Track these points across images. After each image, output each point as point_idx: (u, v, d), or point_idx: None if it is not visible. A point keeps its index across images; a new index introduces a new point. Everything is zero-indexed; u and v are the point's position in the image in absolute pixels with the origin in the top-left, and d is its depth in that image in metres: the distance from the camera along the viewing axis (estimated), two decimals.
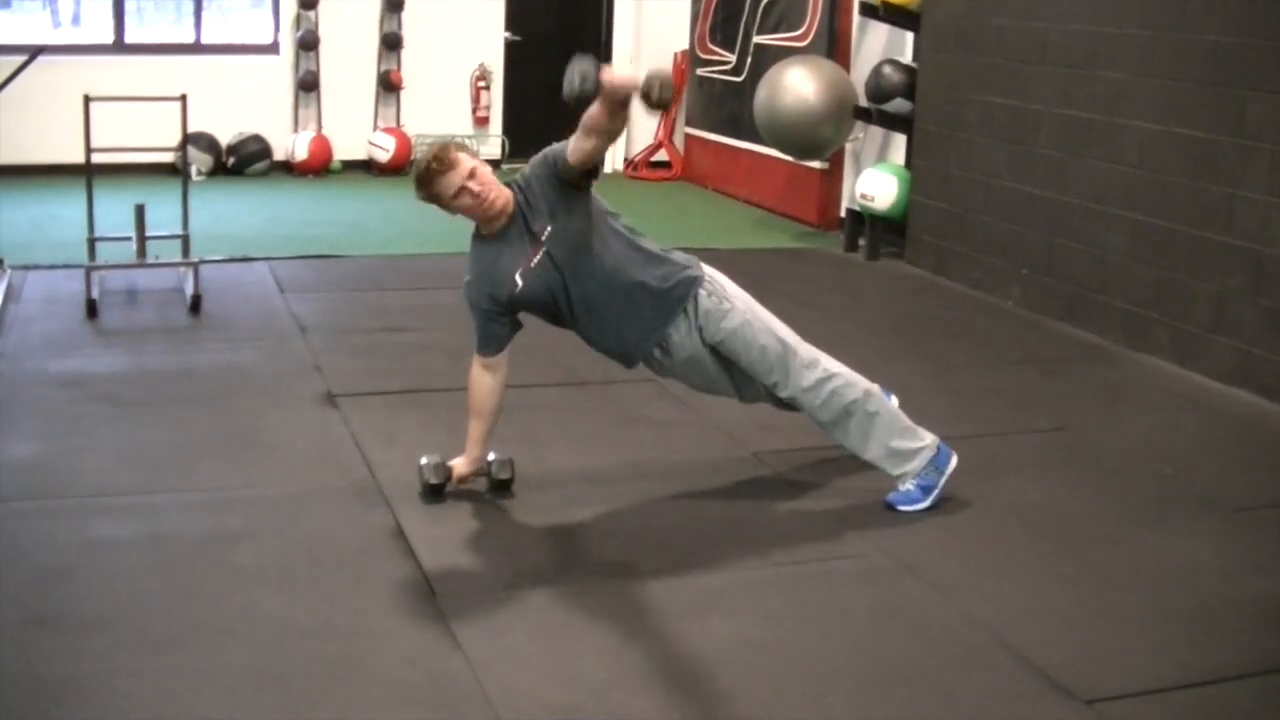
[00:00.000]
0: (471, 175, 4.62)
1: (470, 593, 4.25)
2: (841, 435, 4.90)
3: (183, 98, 7.62)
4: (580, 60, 4.31)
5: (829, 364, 4.88)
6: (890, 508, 4.92)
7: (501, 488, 4.94)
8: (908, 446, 4.90)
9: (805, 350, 4.86)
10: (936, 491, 4.91)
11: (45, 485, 5.00)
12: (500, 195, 4.67)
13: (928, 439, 4.94)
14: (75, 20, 12.84)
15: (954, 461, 4.96)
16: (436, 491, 4.90)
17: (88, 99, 7.37)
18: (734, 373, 4.90)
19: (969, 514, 4.93)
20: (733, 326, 4.78)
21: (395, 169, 12.37)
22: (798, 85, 9.67)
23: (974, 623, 4.16)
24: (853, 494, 5.04)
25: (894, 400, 5.31)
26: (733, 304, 4.81)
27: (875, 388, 4.94)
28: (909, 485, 4.92)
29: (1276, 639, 4.20)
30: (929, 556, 4.60)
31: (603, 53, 13.39)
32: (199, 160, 11.64)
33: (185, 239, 7.81)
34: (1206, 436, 6.06)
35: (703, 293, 4.78)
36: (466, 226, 4.86)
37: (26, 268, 8.24)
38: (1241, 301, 6.65)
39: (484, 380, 4.88)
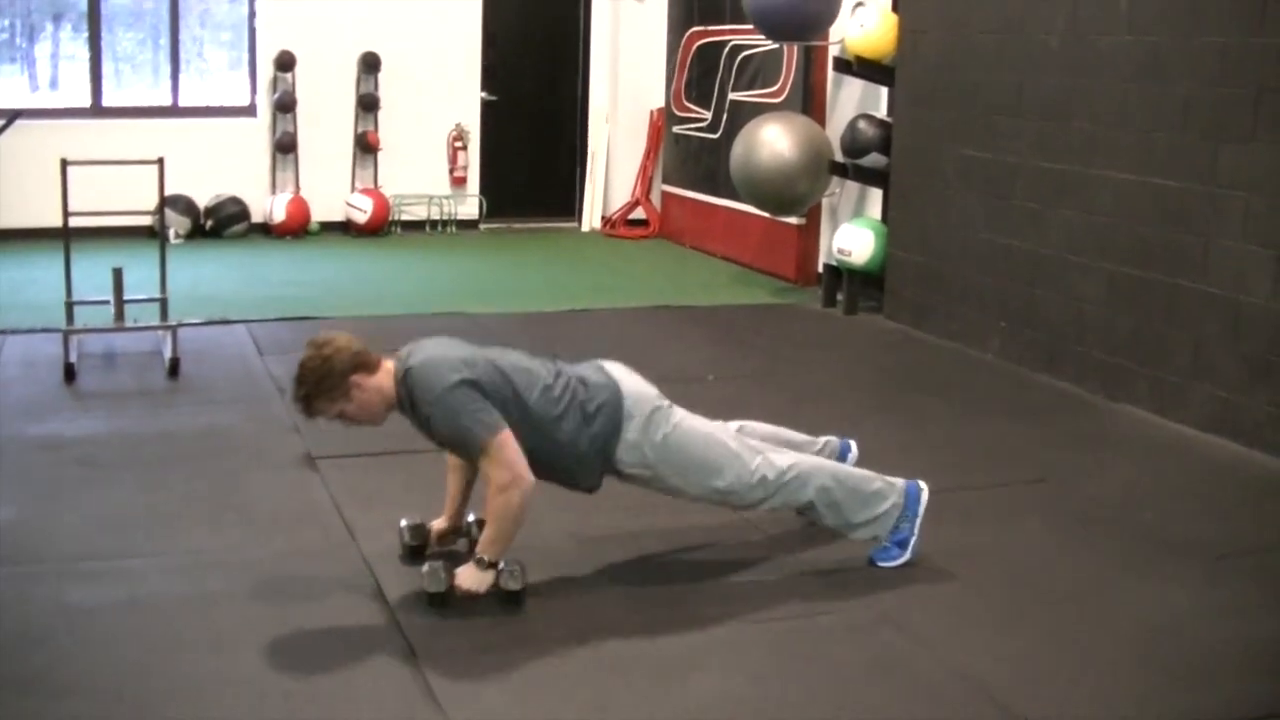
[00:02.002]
0: (339, 414, 4.56)
1: (450, 653, 4.22)
2: (809, 513, 4.91)
3: (160, 161, 7.62)
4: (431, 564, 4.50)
5: (771, 469, 4.75)
6: (872, 564, 4.91)
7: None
8: (873, 514, 4.86)
9: (743, 467, 4.72)
10: (914, 539, 4.89)
11: (22, 549, 4.96)
12: (372, 417, 4.61)
13: (891, 497, 4.88)
14: (53, 84, 12.87)
15: (925, 496, 4.92)
16: (416, 553, 4.87)
17: (65, 163, 7.36)
18: None
19: (951, 566, 4.92)
20: (668, 488, 4.76)
21: (373, 230, 12.40)
22: (773, 141, 9.72)
23: (958, 675, 4.14)
24: (835, 549, 5.03)
25: (853, 451, 5.31)
26: (652, 471, 4.70)
27: (825, 470, 4.85)
28: (885, 543, 4.91)
29: (1261, 685, 4.20)
30: (912, 610, 4.59)
31: (579, 110, 13.47)
32: (177, 223, 11.65)
33: (163, 302, 7.80)
34: (1186, 484, 6.07)
35: (624, 445, 4.65)
36: (450, 289, 4.84)
37: (4, 331, 8.22)
38: (1219, 350, 6.68)
39: None
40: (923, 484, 4.94)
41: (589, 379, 4.69)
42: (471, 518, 4.95)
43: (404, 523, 4.93)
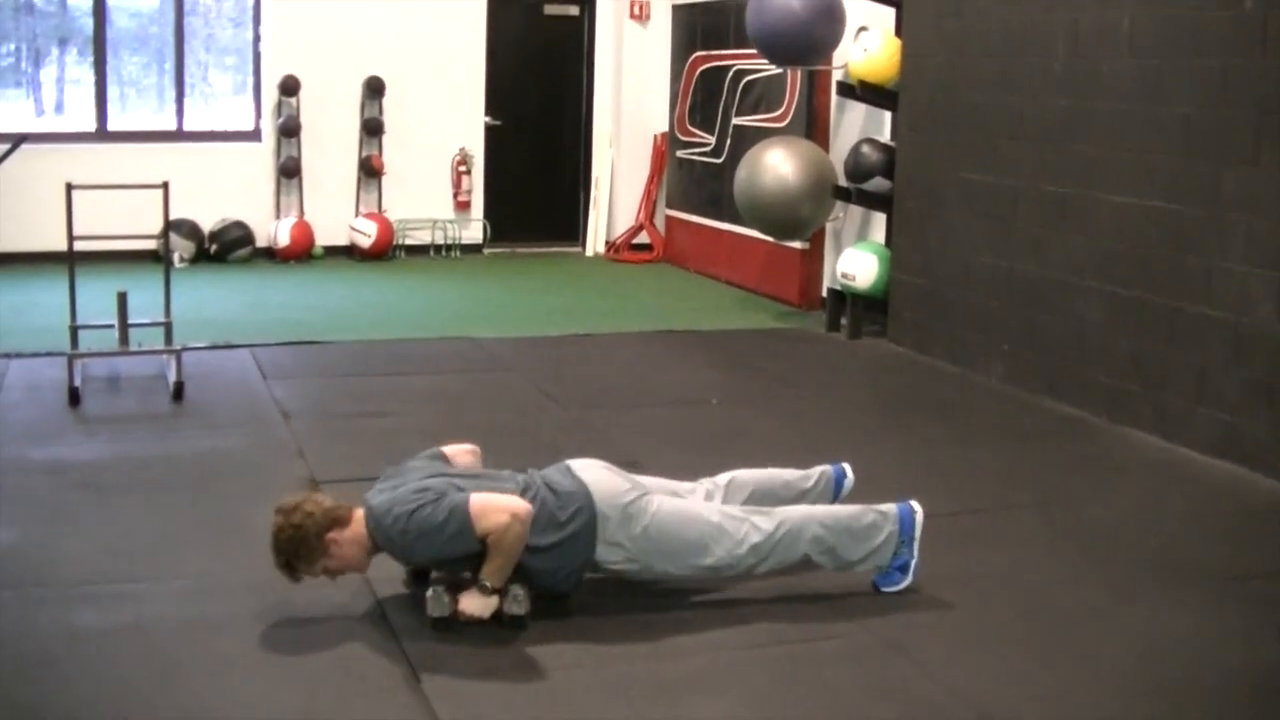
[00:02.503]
0: (323, 571, 4.55)
1: (453, 677, 4.21)
2: (806, 564, 4.88)
3: (165, 185, 7.64)
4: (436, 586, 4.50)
5: (759, 534, 4.72)
6: (876, 589, 4.90)
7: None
8: (871, 548, 4.84)
9: (730, 540, 4.70)
10: (914, 561, 4.87)
11: (26, 573, 4.97)
12: (355, 566, 4.61)
13: (886, 527, 4.85)
14: (58, 108, 12.91)
15: (919, 517, 4.89)
16: (419, 577, 4.82)
17: (70, 187, 7.38)
18: None
19: (954, 590, 4.92)
20: (657, 574, 4.74)
21: (377, 254, 12.42)
22: (777, 165, 9.74)
23: (962, 700, 4.14)
24: (837, 574, 5.02)
25: (848, 476, 5.27)
26: (638, 564, 4.68)
27: (814, 519, 4.81)
28: (887, 569, 4.90)
29: (1265, 710, 4.19)
30: (915, 634, 4.59)
31: (583, 135, 13.50)
32: (181, 247, 11.67)
33: (168, 326, 7.81)
34: (1190, 508, 6.06)
35: (603, 546, 4.63)
36: (454, 313, 4.83)
37: (9, 355, 8.22)
38: (1222, 373, 6.68)
39: None
40: (915, 505, 4.92)
41: (559, 486, 4.67)
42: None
43: (431, 591, 4.86)
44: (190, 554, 5.20)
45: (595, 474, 4.75)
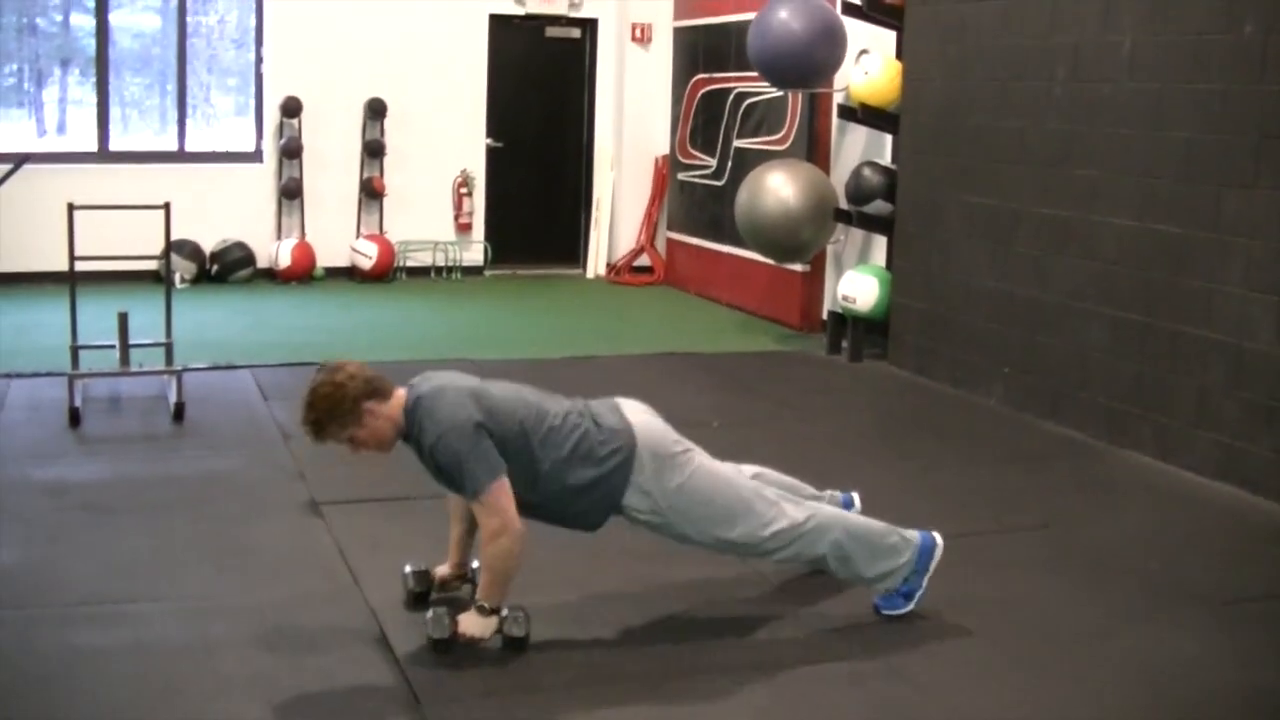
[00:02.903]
0: (349, 439, 4.54)
1: (454, 699, 4.21)
2: (821, 565, 4.87)
3: (166, 205, 7.65)
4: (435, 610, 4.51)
5: (786, 521, 4.69)
6: (876, 611, 4.90)
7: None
8: (886, 569, 4.82)
9: (757, 520, 4.67)
10: (921, 591, 4.87)
11: (27, 593, 4.96)
12: (381, 444, 4.60)
13: (906, 554, 4.84)
14: (60, 128, 12.93)
15: (939, 551, 4.88)
16: (420, 599, 4.87)
17: (72, 207, 7.40)
18: None
19: (956, 614, 4.91)
20: (677, 535, 4.71)
21: (378, 276, 12.43)
22: (778, 188, 9.75)
23: None
24: (839, 596, 5.02)
25: (855, 505, 5.28)
26: (662, 518, 4.64)
27: (840, 523, 4.77)
28: (892, 592, 4.89)
29: None
30: (917, 658, 4.58)
31: (584, 157, 13.53)
32: (182, 268, 11.68)
33: (168, 346, 7.81)
34: (1191, 530, 6.06)
35: (634, 491, 4.60)
36: (455, 335, 4.82)
37: (10, 375, 8.23)
38: (1223, 395, 6.68)
39: None
40: (938, 537, 4.90)
41: (603, 421, 4.63)
42: (475, 564, 4.94)
43: (408, 568, 4.92)
44: (190, 575, 5.20)
45: (642, 418, 4.71)
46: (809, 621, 4.87)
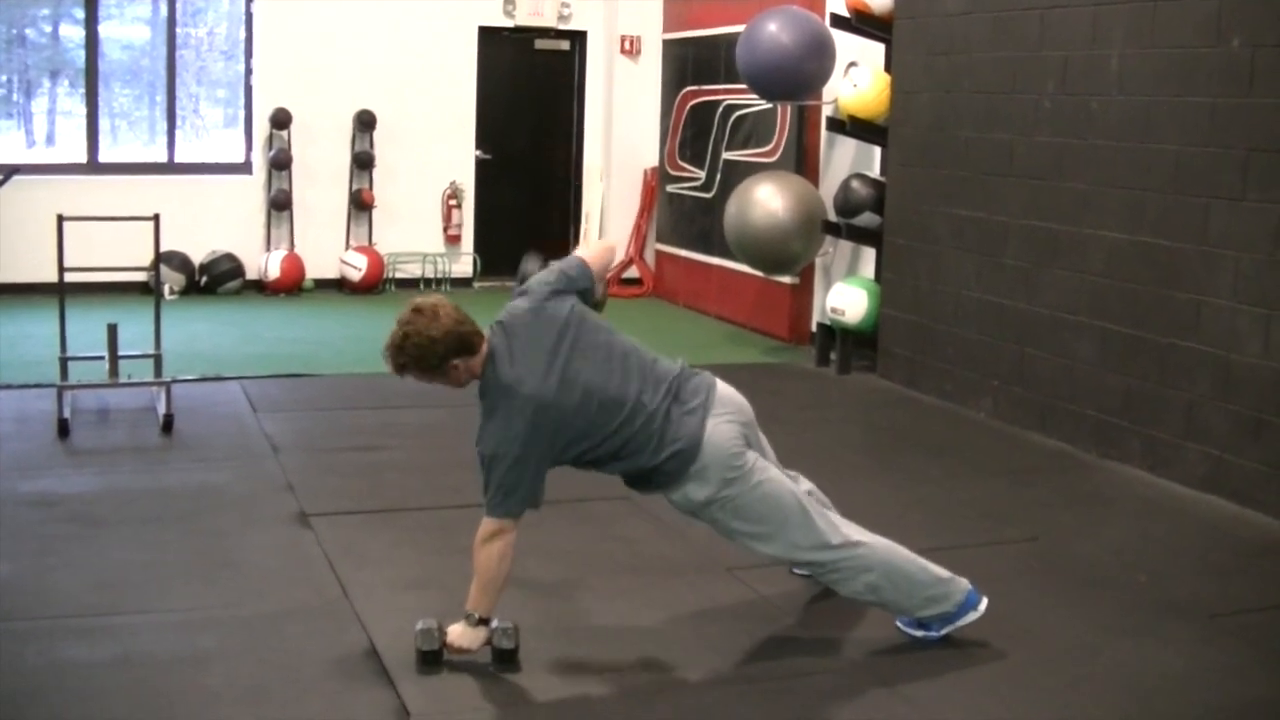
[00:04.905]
0: (427, 380, 4.58)
1: (443, 714, 4.21)
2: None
3: (155, 217, 7.65)
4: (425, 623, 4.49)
5: (829, 554, 4.57)
6: (902, 629, 4.84)
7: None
8: (915, 604, 4.71)
9: (793, 544, 4.56)
10: (939, 635, 4.77)
11: (14, 606, 4.95)
12: (456, 386, 4.60)
13: (944, 606, 4.71)
14: (49, 140, 12.91)
15: (978, 614, 4.75)
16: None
17: (61, 218, 7.39)
18: None
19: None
20: (714, 528, 4.65)
21: (367, 288, 12.42)
22: (767, 201, 9.76)
23: None
24: (829, 610, 5.02)
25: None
26: (702, 518, 4.58)
27: (883, 565, 4.62)
28: (914, 619, 4.80)
29: None
30: (906, 671, 4.58)
31: (573, 169, 13.53)
32: (171, 279, 11.66)
33: (158, 358, 7.80)
34: (1180, 543, 6.08)
35: (679, 493, 4.53)
36: None
37: None
38: (1211, 408, 6.69)
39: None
40: (984, 603, 4.76)
41: (674, 417, 4.51)
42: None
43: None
44: (179, 587, 5.19)
45: (716, 427, 4.55)
46: (798, 634, 4.88)
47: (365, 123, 12.53)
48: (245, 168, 12.52)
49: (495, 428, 4.38)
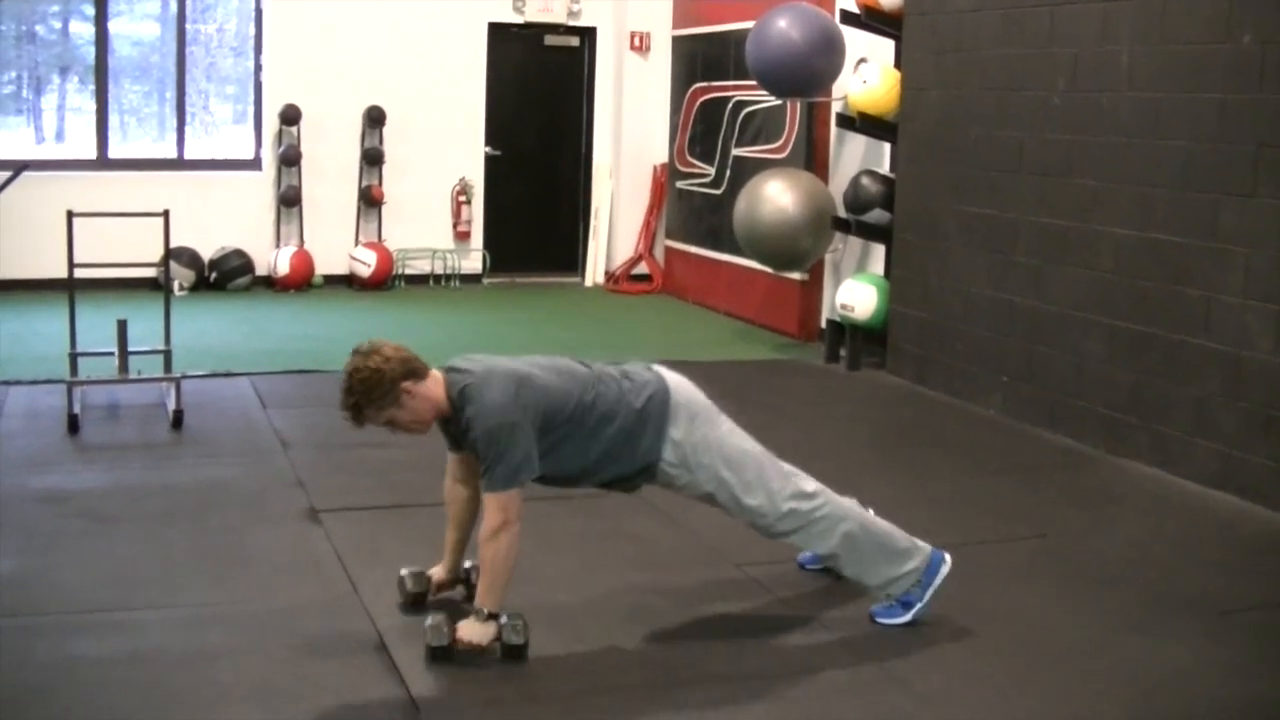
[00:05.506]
0: (388, 421, 4.56)
1: (454, 708, 4.22)
2: (831, 561, 4.91)
3: (165, 213, 7.66)
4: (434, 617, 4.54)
5: (804, 502, 4.77)
6: (872, 620, 4.90)
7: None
8: (894, 575, 4.85)
9: (777, 493, 4.74)
10: (920, 606, 4.86)
11: (25, 602, 4.96)
12: (421, 424, 4.60)
13: (915, 561, 4.87)
14: (59, 136, 12.94)
15: (946, 569, 4.89)
16: (417, 601, 4.88)
17: (71, 214, 7.40)
18: None
19: (954, 623, 4.91)
20: (701, 493, 4.78)
21: (376, 284, 12.43)
22: (776, 197, 9.76)
23: None
24: (837, 605, 5.02)
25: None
26: (690, 475, 4.71)
27: (854, 516, 4.85)
28: (892, 602, 4.90)
29: None
30: (915, 666, 4.58)
31: (582, 165, 13.53)
32: (181, 275, 11.68)
33: (167, 354, 7.81)
34: (1189, 540, 6.07)
35: (669, 442, 4.67)
36: (453, 343, 4.81)
37: (8, 383, 8.23)
38: (1220, 405, 6.69)
39: (459, 491, 4.88)
40: (948, 557, 4.93)
41: (635, 375, 4.74)
42: (468, 564, 4.97)
43: (404, 571, 4.95)
44: (189, 583, 5.20)
45: (675, 375, 4.84)
46: (808, 629, 4.87)
47: (375, 119, 12.54)
48: (255, 164, 12.53)
49: (488, 404, 4.43)
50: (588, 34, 13.40)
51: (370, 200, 12.60)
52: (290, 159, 12.26)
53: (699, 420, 4.72)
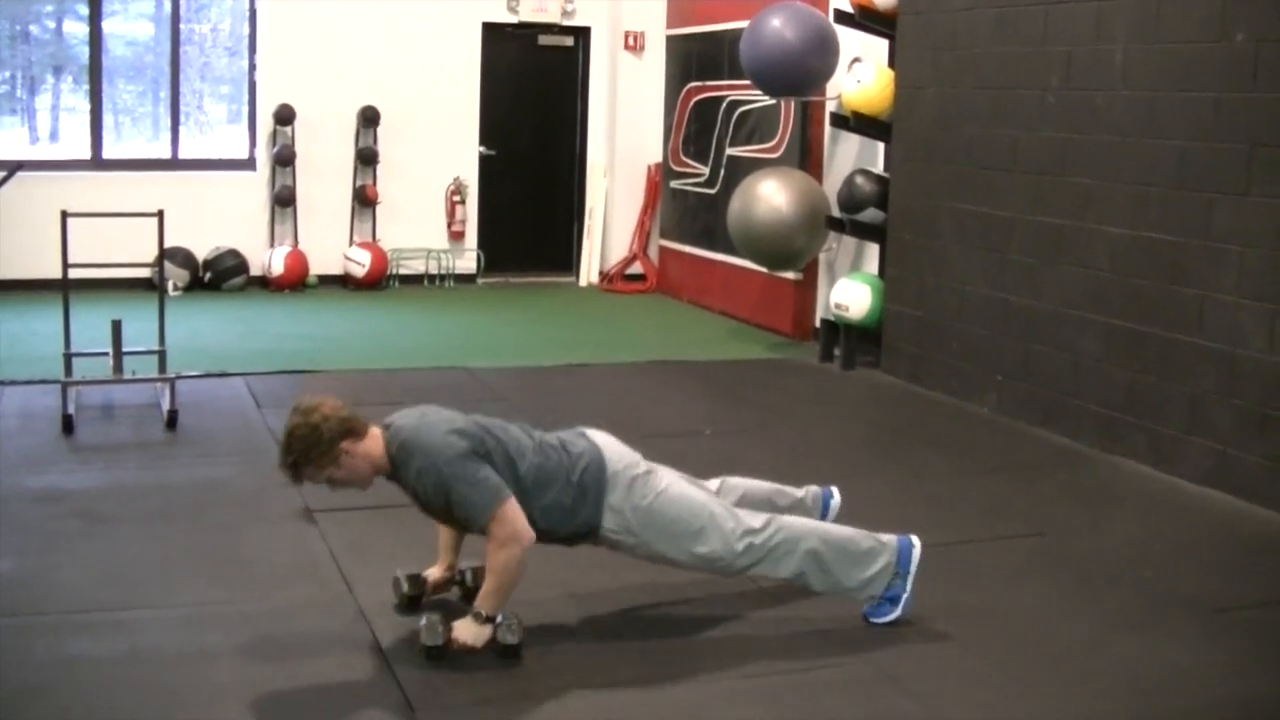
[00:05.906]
0: (327, 479, 4.54)
1: (448, 707, 4.21)
2: (800, 582, 4.88)
3: (159, 213, 7.65)
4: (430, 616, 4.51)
5: (757, 535, 4.73)
6: (866, 620, 4.90)
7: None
8: (866, 576, 4.83)
9: (729, 533, 4.71)
10: (907, 595, 4.86)
11: (21, 602, 4.96)
12: (360, 482, 4.60)
13: (883, 556, 4.84)
14: (53, 136, 12.93)
15: (918, 551, 4.88)
16: (413, 603, 4.88)
17: (65, 214, 7.39)
18: None
19: (949, 621, 4.91)
20: (653, 553, 4.76)
21: (371, 284, 12.43)
22: (771, 196, 9.76)
23: None
24: (831, 604, 5.01)
25: (835, 499, 5.31)
26: (636, 538, 4.71)
27: (813, 533, 4.81)
28: (878, 600, 4.89)
29: None
30: (910, 665, 4.59)
31: (577, 165, 13.54)
32: (175, 275, 11.68)
33: (162, 354, 7.81)
34: (1184, 538, 6.07)
35: (609, 511, 4.67)
36: (448, 343, 4.81)
37: (2, 383, 8.22)
38: (1215, 403, 6.69)
39: None
40: (915, 539, 4.91)
41: (571, 445, 4.72)
42: (464, 565, 4.96)
43: (400, 573, 4.95)
44: (184, 583, 5.20)
45: (608, 440, 4.81)
46: (801, 629, 4.87)
47: (369, 119, 12.53)
48: (249, 164, 12.53)
49: (430, 446, 4.47)
50: (582, 34, 13.40)
51: (365, 200, 12.59)
52: (285, 159, 12.25)
53: (638, 483, 4.69)
